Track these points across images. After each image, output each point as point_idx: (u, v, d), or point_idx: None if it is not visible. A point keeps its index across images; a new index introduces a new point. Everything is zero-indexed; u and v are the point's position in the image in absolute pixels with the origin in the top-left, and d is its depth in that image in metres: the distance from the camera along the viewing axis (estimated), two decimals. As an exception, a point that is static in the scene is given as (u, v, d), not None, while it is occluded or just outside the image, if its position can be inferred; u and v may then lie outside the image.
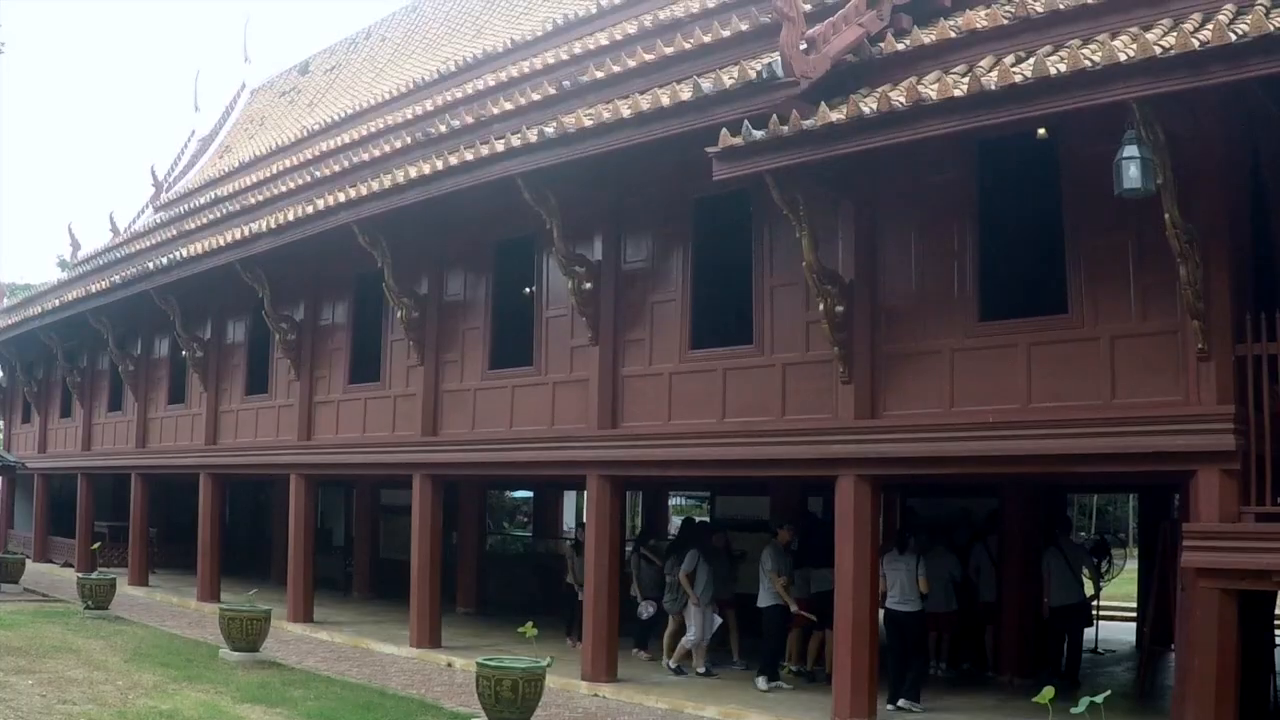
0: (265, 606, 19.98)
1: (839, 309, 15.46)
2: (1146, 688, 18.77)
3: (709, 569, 19.47)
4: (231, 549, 32.16)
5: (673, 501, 38.88)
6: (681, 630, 19.89)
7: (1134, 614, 24.79)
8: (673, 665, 19.45)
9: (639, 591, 21.24)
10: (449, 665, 20.36)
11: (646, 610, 20.93)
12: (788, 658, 19.39)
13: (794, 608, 18.29)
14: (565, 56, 21.98)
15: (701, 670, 19.21)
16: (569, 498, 37.04)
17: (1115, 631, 25.36)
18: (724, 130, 14.67)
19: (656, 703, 17.41)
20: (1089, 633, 21.64)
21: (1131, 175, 12.15)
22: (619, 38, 20.96)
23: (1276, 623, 17.66)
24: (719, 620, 19.51)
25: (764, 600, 18.49)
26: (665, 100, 16.04)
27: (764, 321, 16.97)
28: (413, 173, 19.79)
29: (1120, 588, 25.91)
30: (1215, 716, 12.50)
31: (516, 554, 33.47)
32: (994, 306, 14.84)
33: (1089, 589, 20.97)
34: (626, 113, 16.43)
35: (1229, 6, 12.85)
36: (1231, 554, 12.64)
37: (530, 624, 16.04)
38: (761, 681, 18.17)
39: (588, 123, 16.88)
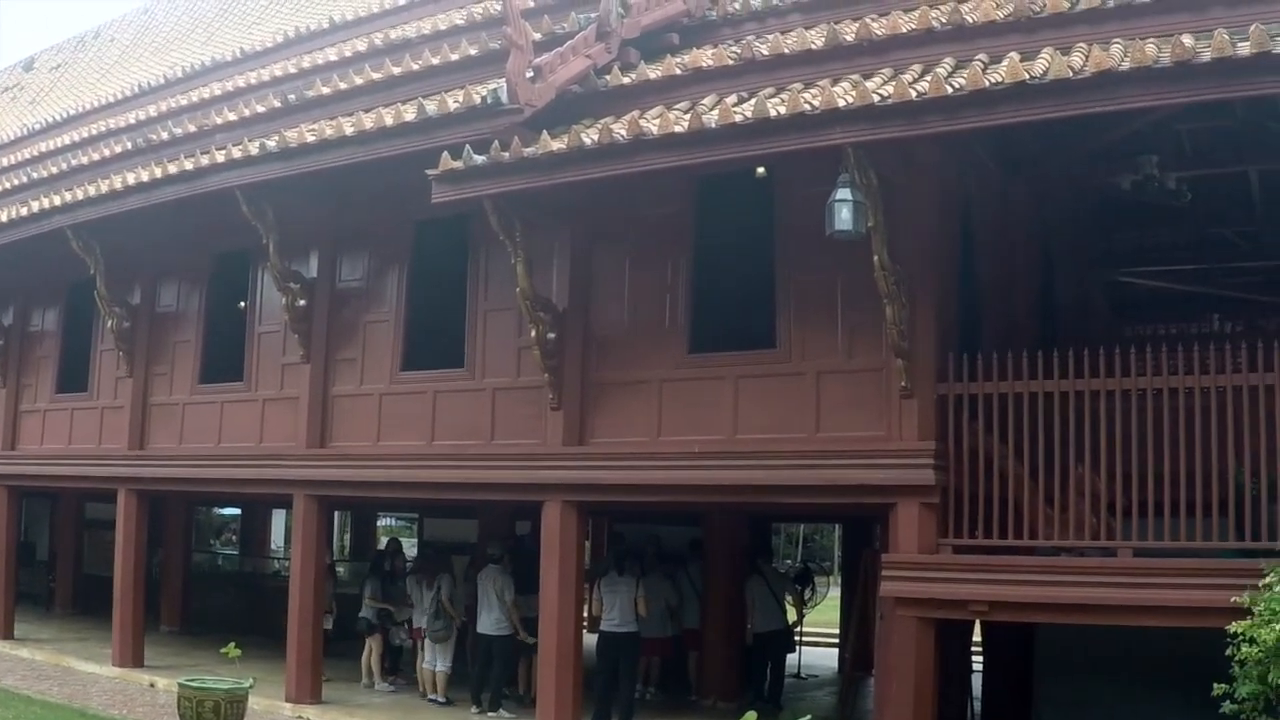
0: (-38, 623, 18.94)
1: (551, 336, 15.36)
2: (847, 712, 19.02)
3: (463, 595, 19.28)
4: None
5: (382, 522, 38.22)
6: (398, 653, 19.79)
7: (836, 640, 25.07)
8: (439, 699, 18.80)
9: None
10: (152, 685, 19.54)
11: (399, 636, 20.45)
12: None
13: (523, 635, 17.81)
14: (294, 70, 21.40)
15: (444, 700, 18.73)
16: (278, 516, 36.12)
17: (818, 657, 25.60)
18: (445, 153, 14.44)
19: (361, 724, 17.01)
20: (792, 658, 21.86)
21: (843, 217, 12.36)
22: (348, 54, 20.46)
23: (974, 649, 18.24)
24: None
25: (495, 627, 18.05)
26: (389, 120, 15.82)
27: (476, 345, 16.80)
28: (130, 179, 19.03)
29: (824, 614, 26.17)
30: (912, 740, 12.76)
31: (223, 572, 32.49)
32: (704, 339, 14.95)
33: (792, 615, 21.23)
34: (349, 130, 16.15)
35: (948, 60, 13.22)
36: (929, 584, 13.00)
37: (233, 644, 15.50)
38: (505, 713, 17.80)
39: (310, 138, 16.51)
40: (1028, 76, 11.38)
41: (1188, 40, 11.22)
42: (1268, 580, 10.35)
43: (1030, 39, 13.01)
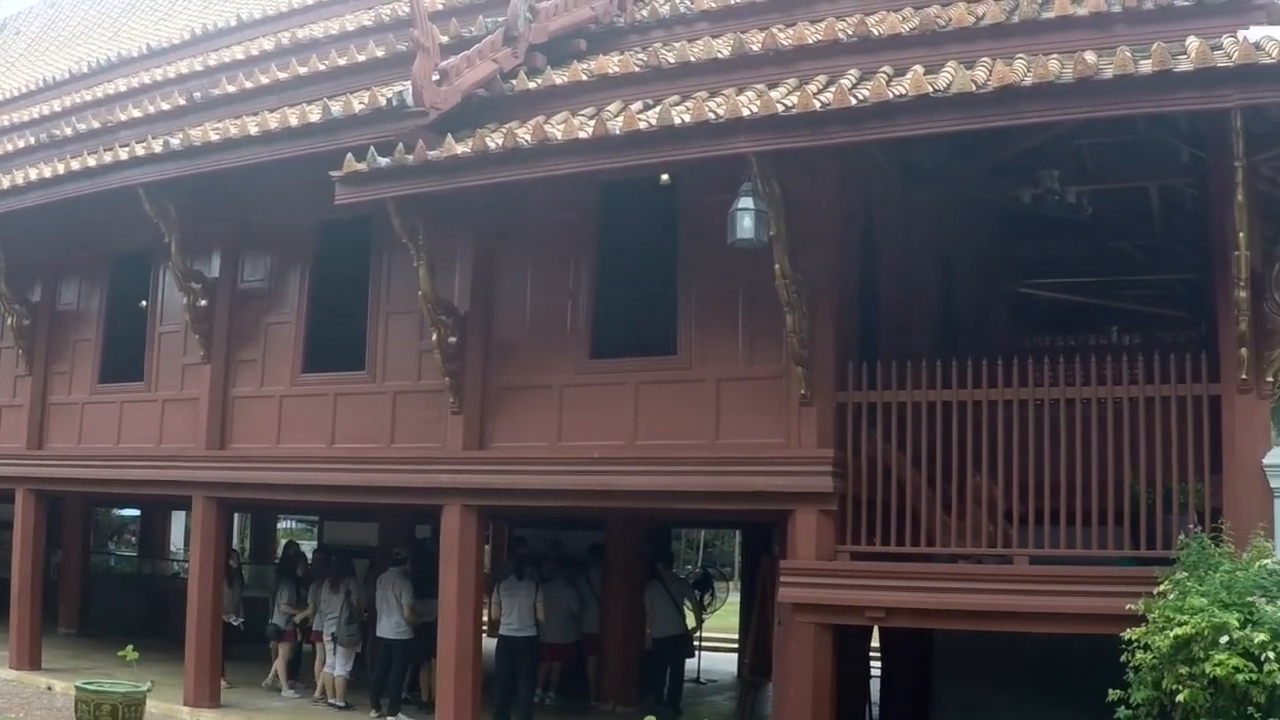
0: None
1: (452, 340, 15.20)
2: (746, 717, 18.98)
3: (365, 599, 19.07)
4: None
5: (282, 525, 37.68)
6: (298, 658, 19.57)
7: (736, 645, 25.02)
8: (338, 703, 18.49)
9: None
10: (49, 688, 19.10)
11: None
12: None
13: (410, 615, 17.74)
14: (200, 67, 21.05)
15: (343, 704, 18.47)
16: (177, 518, 35.43)
17: (718, 662, 25.46)
18: (349, 155, 14.25)
19: (259, 729, 16.80)
20: (691, 663, 21.76)
21: (745, 226, 12.33)
22: (255, 53, 20.16)
23: (872, 655, 18.37)
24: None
25: (394, 631, 17.82)
26: (294, 121, 15.62)
27: (377, 348, 16.62)
28: (33, 175, 18.63)
29: (723, 620, 26.09)
30: (811, 744, 12.79)
31: (123, 574, 31.89)
32: (606, 344, 14.91)
33: (691, 621, 21.18)
34: (254, 130, 15.94)
35: (853, 72, 13.26)
36: (827, 590, 13.03)
37: (131, 647, 15.20)
38: (404, 717, 17.63)
39: (214, 137, 16.25)
40: (931, 89, 11.46)
41: (1090, 57, 11.32)
42: (1162, 588, 10.48)
43: (935, 52, 13.10)
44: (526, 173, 13.50)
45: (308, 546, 26.02)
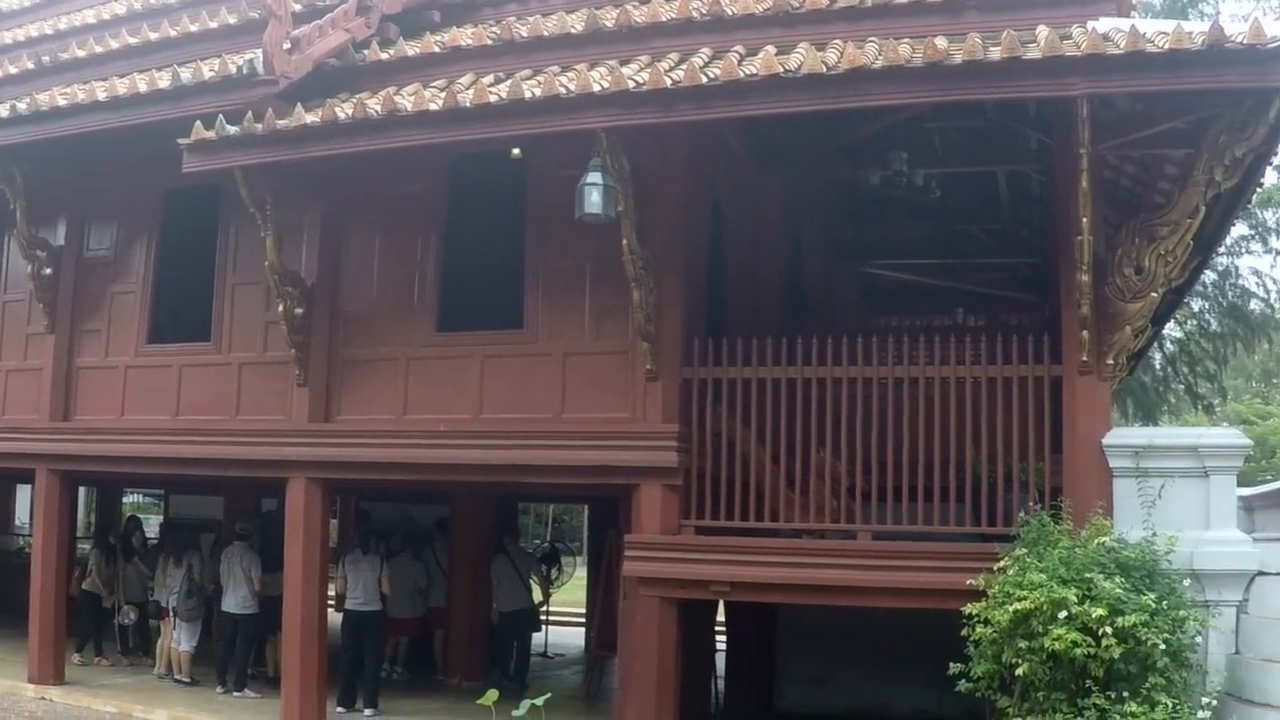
0: None
1: (299, 311, 14.84)
2: (592, 690, 18.82)
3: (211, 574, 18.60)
4: None
5: (128, 499, 36.60)
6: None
7: (583, 620, 24.82)
8: (184, 679, 17.97)
9: (122, 594, 19.84)
10: (-112, 667, 18.36)
11: (129, 616, 19.74)
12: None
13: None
14: (50, 31, 20.23)
15: (189, 680, 17.96)
16: (23, 491, 34.20)
17: (565, 636, 25.40)
18: (198, 123, 13.76)
19: (105, 706, 16.31)
20: (538, 637, 21.66)
21: (593, 200, 12.22)
22: (107, 17, 19.40)
23: (718, 629, 18.22)
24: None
25: (240, 606, 17.49)
26: (143, 87, 15.10)
27: (224, 319, 16.14)
28: (-125, 138, 17.75)
29: (571, 594, 25.90)
30: (655, 718, 12.74)
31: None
32: (453, 317, 14.67)
33: (538, 595, 21.00)
34: (102, 96, 15.37)
35: (705, 50, 13.20)
36: (671, 564, 12.94)
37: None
38: (250, 692, 17.20)
39: (62, 103, 15.65)
40: (782, 70, 11.36)
41: (941, 42, 11.30)
42: (1002, 564, 10.60)
43: (788, 33, 13.03)
44: (376, 144, 13.13)
45: (154, 521, 25.24)
